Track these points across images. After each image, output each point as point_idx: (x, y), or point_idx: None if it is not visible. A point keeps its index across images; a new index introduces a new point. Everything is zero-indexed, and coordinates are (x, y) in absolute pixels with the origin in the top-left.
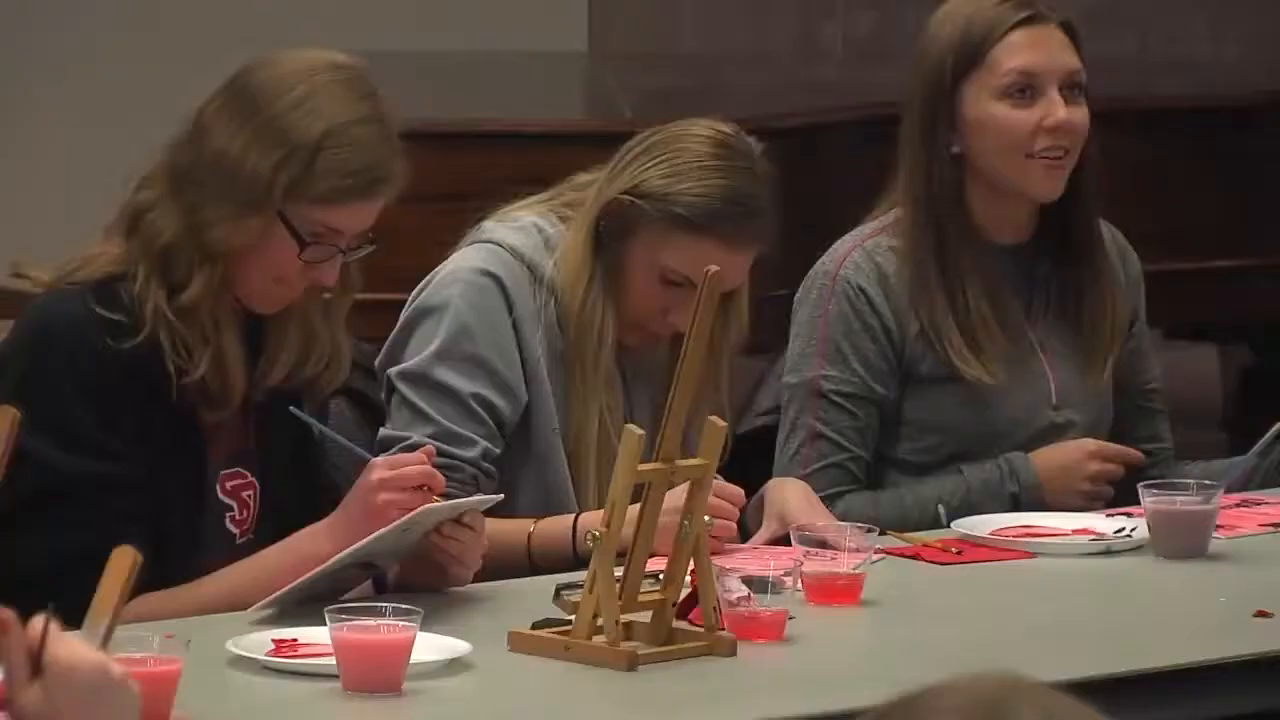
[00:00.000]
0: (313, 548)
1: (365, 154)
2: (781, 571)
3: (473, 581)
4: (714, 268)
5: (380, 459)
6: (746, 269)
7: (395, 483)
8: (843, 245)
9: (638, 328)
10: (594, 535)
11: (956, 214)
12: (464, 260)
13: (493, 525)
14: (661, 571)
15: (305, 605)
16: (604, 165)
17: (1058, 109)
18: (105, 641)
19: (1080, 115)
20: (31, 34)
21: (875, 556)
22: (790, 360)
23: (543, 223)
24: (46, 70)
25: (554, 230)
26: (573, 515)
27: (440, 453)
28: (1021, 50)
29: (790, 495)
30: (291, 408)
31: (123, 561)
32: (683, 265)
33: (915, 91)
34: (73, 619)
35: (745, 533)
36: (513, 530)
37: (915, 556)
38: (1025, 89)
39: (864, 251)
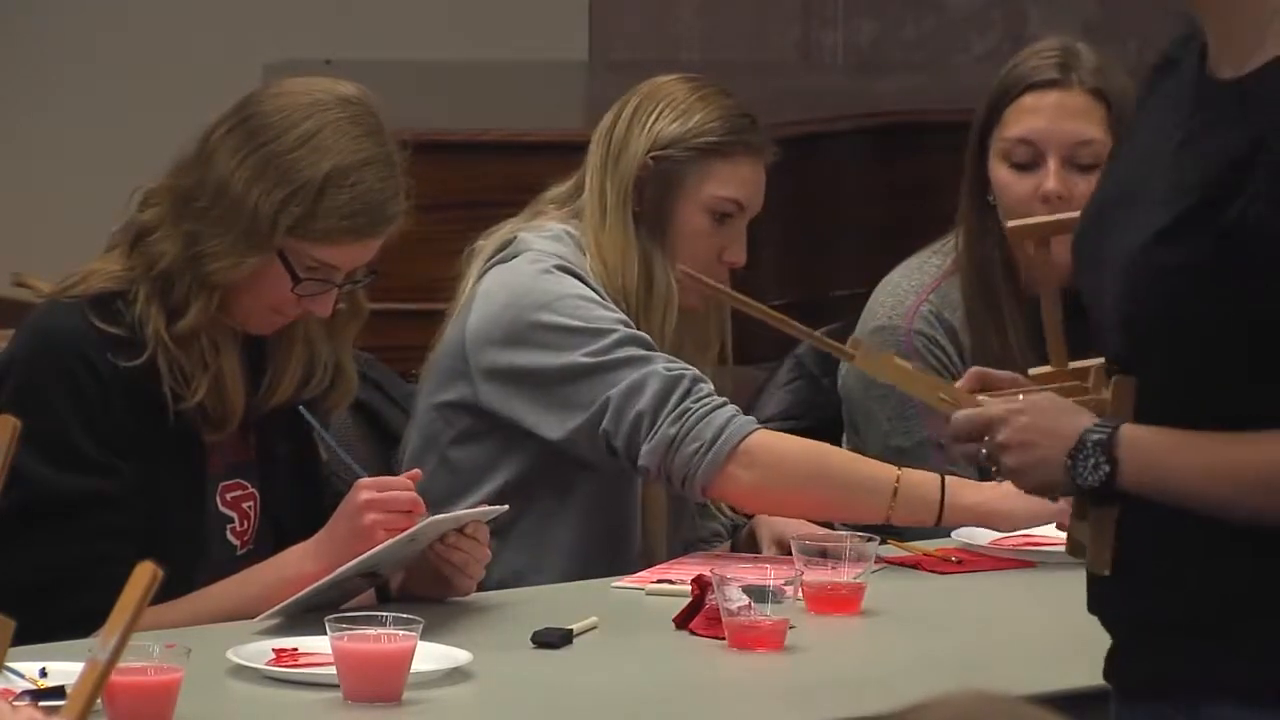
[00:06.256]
0: (299, 567)
1: (368, 196)
2: (782, 581)
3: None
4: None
5: (367, 479)
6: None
7: (382, 504)
8: (908, 298)
9: (693, 290)
10: None
11: (998, 257)
12: (520, 267)
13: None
14: (665, 580)
15: (306, 614)
16: (567, 175)
17: (1048, 179)
18: (116, 655)
19: (1082, 188)
20: (31, 38)
21: (876, 566)
22: (884, 422)
23: (568, 227)
24: (47, 74)
25: (579, 234)
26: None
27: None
28: (1026, 115)
29: (780, 519)
30: (300, 406)
31: (143, 576)
32: (730, 190)
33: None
34: (64, 632)
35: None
36: (881, 475)
37: (916, 566)
38: (1026, 155)
39: (931, 307)
